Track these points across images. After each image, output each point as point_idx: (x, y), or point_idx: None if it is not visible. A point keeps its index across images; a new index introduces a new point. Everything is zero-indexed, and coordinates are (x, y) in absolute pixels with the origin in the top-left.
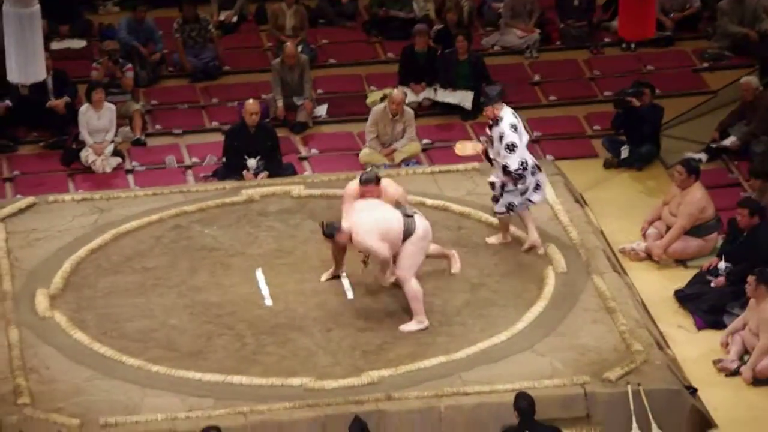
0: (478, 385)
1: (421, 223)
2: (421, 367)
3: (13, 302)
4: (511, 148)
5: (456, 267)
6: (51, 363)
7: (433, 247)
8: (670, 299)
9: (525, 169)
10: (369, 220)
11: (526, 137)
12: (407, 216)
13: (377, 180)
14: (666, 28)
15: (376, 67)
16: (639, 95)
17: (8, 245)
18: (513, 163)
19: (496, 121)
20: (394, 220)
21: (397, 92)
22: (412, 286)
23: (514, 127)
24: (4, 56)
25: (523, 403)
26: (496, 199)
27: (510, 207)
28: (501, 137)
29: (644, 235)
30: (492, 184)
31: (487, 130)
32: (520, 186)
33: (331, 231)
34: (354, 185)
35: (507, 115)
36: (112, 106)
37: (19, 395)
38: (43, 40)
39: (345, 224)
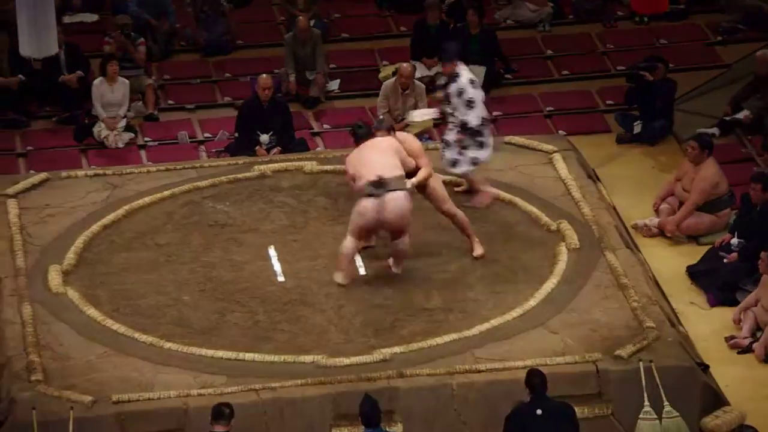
0: (491, 362)
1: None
2: (433, 344)
3: (26, 278)
4: (471, 103)
5: (478, 251)
6: (64, 339)
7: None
8: (682, 276)
9: (484, 125)
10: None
11: (482, 93)
12: None
13: (389, 129)
14: (679, 1)
15: (388, 42)
16: (652, 69)
17: (21, 221)
18: (473, 119)
19: (454, 77)
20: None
21: (405, 65)
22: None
23: (473, 83)
24: (16, 30)
25: (536, 379)
26: (454, 163)
27: (475, 162)
28: (460, 93)
29: (657, 211)
30: (446, 142)
31: (440, 92)
32: (478, 140)
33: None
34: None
35: (464, 71)
36: (126, 81)
37: (32, 372)
38: (55, 14)
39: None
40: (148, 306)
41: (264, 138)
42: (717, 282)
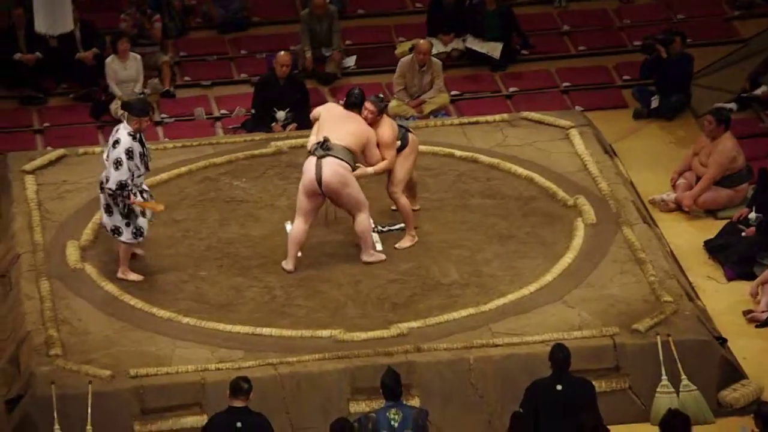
0: (508, 336)
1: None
2: (450, 318)
3: (44, 254)
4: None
5: (401, 244)
6: (82, 314)
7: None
8: (699, 250)
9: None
10: None
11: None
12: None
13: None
14: None
15: (404, 18)
16: (669, 42)
17: (39, 197)
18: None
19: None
20: None
21: (423, 42)
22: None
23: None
24: (32, 8)
25: (560, 354)
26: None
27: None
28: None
29: (674, 186)
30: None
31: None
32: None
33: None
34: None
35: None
36: (138, 56)
37: (51, 346)
38: None
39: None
40: (166, 281)
41: (280, 114)
42: (734, 256)
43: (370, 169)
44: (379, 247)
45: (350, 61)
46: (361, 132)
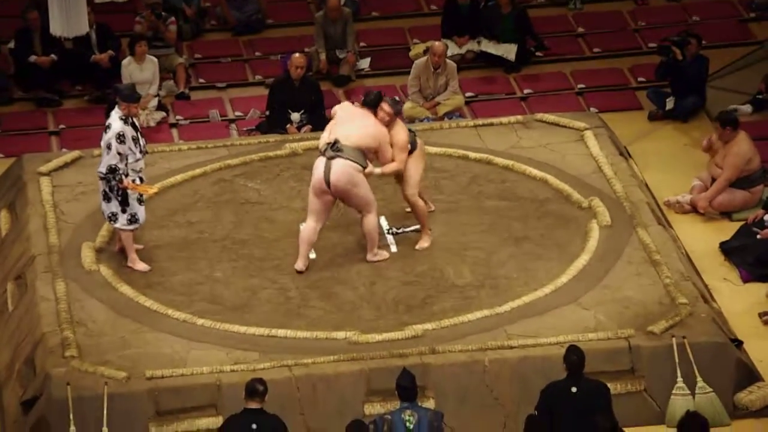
0: (523, 338)
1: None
2: (465, 320)
3: (60, 256)
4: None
5: (421, 245)
6: (97, 316)
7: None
8: (715, 252)
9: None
10: None
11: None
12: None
13: (397, 113)
14: None
15: (419, 20)
16: (684, 44)
17: (54, 199)
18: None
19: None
20: None
21: (438, 44)
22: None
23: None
24: (48, 10)
25: (573, 357)
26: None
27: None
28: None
29: (705, 149)
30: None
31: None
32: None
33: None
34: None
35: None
36: (155, 59)
37: (66, 348)
38: None
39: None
40: (181, 283)
41: (295, 116)
42: (750, 258)
43: (377, 170)
44: (393, 249)
45: (364, 63)
46: (374, 132)
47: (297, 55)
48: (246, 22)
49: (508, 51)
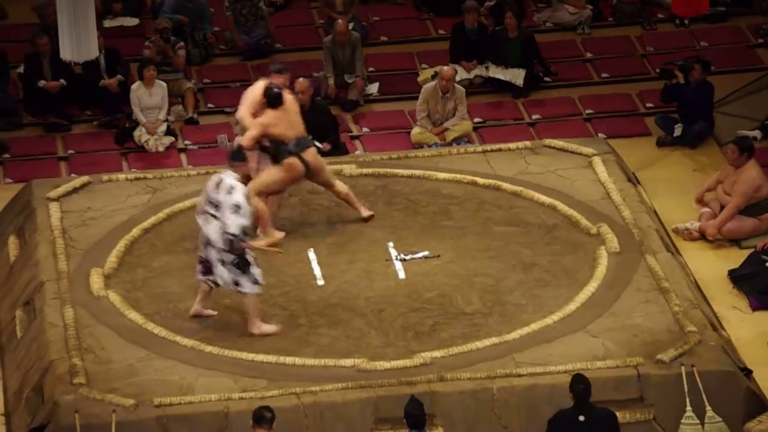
0: (531, 366)
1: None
2: (473, 348)
3: (68, 282)
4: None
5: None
6: (106, 343)
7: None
8: (724, 279)
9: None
10: None
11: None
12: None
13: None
14: (720, 3)
15: (427, 45)
16: (688, 69)
17: (63, 224)
18: None
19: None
20: None
21: (447, 68)
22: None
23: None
24: (57, 34)
25: (579, 385)
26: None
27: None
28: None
29: (698, 203)
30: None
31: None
32: None
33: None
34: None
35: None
36: (164, 84)
37: (74, 375)
38: (95, 18)
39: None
40: (189, 309)
41: None
42: (759, 286)
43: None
44: (401, 275)
45: (373, 88)
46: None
47: (300, 80)
48: (254, 46)
49: (516, 76)
